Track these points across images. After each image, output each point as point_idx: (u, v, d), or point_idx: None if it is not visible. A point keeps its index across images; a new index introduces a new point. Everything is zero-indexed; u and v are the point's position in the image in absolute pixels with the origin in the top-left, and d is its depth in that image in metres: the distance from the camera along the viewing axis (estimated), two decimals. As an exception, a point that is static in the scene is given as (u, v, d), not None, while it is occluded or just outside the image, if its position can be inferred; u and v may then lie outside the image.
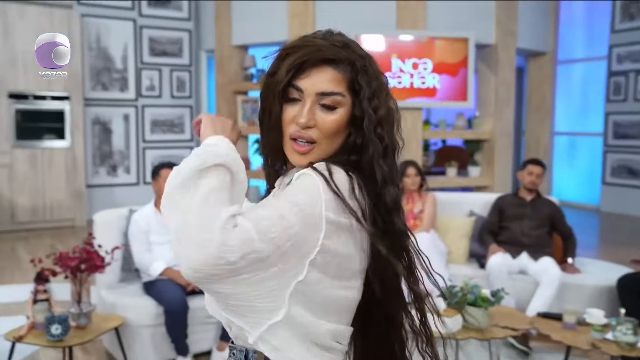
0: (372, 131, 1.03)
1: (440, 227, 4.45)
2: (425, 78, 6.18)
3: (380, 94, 1.04)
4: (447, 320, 2.84)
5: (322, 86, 1.01)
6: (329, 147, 1.04)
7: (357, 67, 1.03)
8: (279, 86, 1.00)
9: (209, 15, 7.50)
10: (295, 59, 1.00)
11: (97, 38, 7.05)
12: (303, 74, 1.01)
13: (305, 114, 0.99)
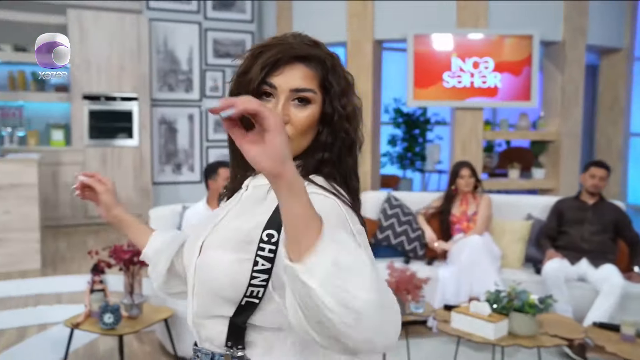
0: (341, 127, 1.04)
1: (495, 230, 4.32)
2: (486, 77, 6.02)
3: (348, 92, 1.06)
4: (491, 326, 2.77)
5: (295, 83, 1.02)
6: (301, 143, 1.05)
7: (328, 66, 1.05)
8: (253, 83, 1.01)
9: (271, 16, 7.63)
10: (269, 56, 1.01)
11: (164, 41, 7.34)
12: (277, 71, 1.02)
13: (280, 109, 1.00)
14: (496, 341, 2.83)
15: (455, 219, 4.30)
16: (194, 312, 1.08)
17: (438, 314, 3.19)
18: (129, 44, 6.77)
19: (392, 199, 4.48)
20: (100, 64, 6.67)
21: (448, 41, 6.04)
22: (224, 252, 1.01)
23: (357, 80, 4.47)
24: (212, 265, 1.02)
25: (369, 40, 6.29)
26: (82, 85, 6.63)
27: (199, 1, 7.45)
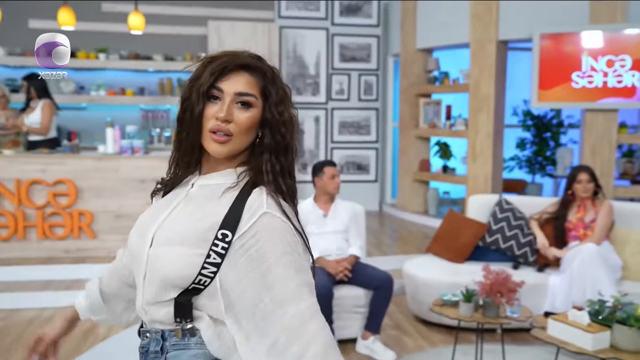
0: (277, 130, 1.18)
1: (617, 239, 4.05)
2: (622, 76, 5.60)
3: (285, 101, 1.20)
4: (589, 336, 2.67)
5: (239, 87, 1.16)
6: (243, 140, 1.18)
7: (268, 76, 1.19)
8: (203, 87, 1.16)
9: (395, 20, 7.74)
10: (218, 64, 1.16)
11: (293, 47, 7.76)
12: (224, 77, 1.16)
13: (225, 109, 1.14)
14: (594, 353, 2.71)
15: (571, 226, 4.10)
16: (144, 299, 1.20)
17: (536, 320, 3.10)
18: (260, 50, 7.22)
19: (503, 202, 4.39)
20: (235, 70, 7.24)
21: (579, 39, 5.72)
22: (180, 247, 1.13)
23: (479, 82, 4.68)
24: (167, 258, 1.14)
25: (493, 40, 6.15)
26: (219, 90, 7.25)
27: (327, 7, 7.76)
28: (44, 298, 4.40)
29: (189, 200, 1.21)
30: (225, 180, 1.20)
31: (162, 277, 1.14)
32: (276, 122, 1.19)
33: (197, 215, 1.17)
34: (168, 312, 1.16)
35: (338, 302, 3.59)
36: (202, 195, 1.20)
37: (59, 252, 5.19)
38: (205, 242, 1.11)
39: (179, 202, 1.22)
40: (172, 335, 1.17)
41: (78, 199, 5.16)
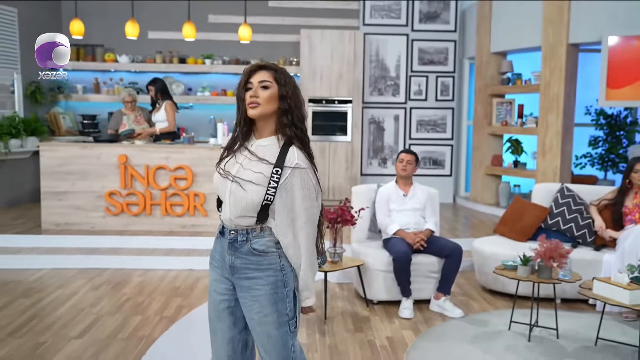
0: (289, 98, 1.97)
1: (671, 224, 4.48)
2: (689, 76, 5.93)
3: (289, 84, 1.98)
4: (627, 293, 3.25)
5: (259, 78, 1.98)
6: (267, 107, 1.97)
7: (278, 71, 1.98)
8: (242, 84, 1.98)
9: (472, 26, 8.29)
10: (247, 68, 1.99)
11: (376, 52, 8.49)
12: (252, 76, 1.99)
13: (254, 91, 1.95)
14: (631, 306, 3.27)
15: (627, 211, 4.58)
16: (231, 214, 1.97)
17: (584, 283, 3.67)
18: (346, 55, 8.04)
19: (565, 189, 4.92)
20: (323, 72, 8.06)
21: (646, 42, 6.09)
22: (255, 185, 1.91)
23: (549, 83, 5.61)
24: (250, 190, 1.91)
25: (563, 44, 6.61)
26: (308, 90, 8.10)
27: (407, 15, 8.44)
28: (169, 262, 5.38)
29: (252, 155, 1.99)
30: (270, 143, 2.00)
31: (248, 202, 1.93)
32: (286, 94, 1.97)
33: (260, 164, 1.95)
34: (252, 220, 1.97)
35: (415, 267, 4.28)
36: (259, 152, 1.98)
37: (177, 227, 6.18)
38: (266, 179, 1.92)
39: (245, 156, 2.00)
40: (254, 231, 1.97)
41: (194, 182, 6.13)
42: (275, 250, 1.97)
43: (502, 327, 3.92)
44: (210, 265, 2.13)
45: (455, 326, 3.95)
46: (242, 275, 1.99)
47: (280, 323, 1.97)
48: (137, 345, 3.56)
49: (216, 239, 2.09)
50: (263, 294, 1.96)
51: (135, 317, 4.05)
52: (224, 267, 2.04)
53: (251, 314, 1.99)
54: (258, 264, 1.97)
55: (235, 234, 1.99)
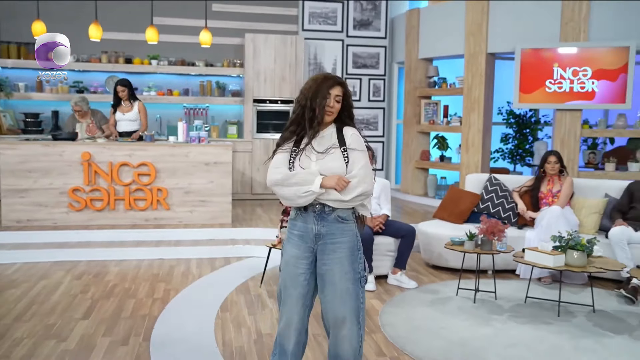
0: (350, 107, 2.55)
1: (576, 205, 5.48)
2: (584, 84, 7.07)
3: (350, 95, 2.55)
4: (551, 257, 4.07)
5: (336, 92, 2.46)
6: (336, 114, 2.50)
7: (346, 86, 2.53)
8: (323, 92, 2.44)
9: (401, 33, 9.16)
10: (331, 83, 2.48)
11: (314, 55, 9.14)
12: (331, 89, 2.48)
13: (332, 103, 2.46)
14: (554, 267, 4.13)
15: (542, 196, 5.53)
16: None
17: (516, 253, 4.52)
18: (288, 58, 8.63)
19: (492, 178, 5.82)
20: (267, 74, 8.60)
21: (551, 53, 7.18)
22: (335, 163, 2.41)
23: (471, 87, 6.71)
24: (334, 167, 2.41)
25: (483, 53, 7.59)
26: (253, 91, 8.59)
27: (343, 22, 9.16)
28: (140, 252, 5.73)
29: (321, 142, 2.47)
30: (331, 130, 2.52)
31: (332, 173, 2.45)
32: (348, 103, 2.52)
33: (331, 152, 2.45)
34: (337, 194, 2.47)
35: (375, 247, 4.97)
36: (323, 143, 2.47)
37: (141, 221, 6.50)
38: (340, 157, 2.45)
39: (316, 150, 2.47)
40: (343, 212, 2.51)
41: (157, 178, 6.48)
42: (353, 219, 2.50)
43: (450, 294, 4.69)
44: (289, 243, 2.56)
45: (413, 295, 4.68)
46: (328, 241, 2.47)
47: (355, 279, 2.47)
48: (142, 322, 3.97)
49: (294, 219, 2.55)
50: (344, 256, 2.46)
51: (130, 300, 4.43)
52: (308, 237, 2.49)
53: (333, 272, 2.46)
54: (341, 230, 2.47)
55: (322, 207, 2.47)
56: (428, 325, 3.95)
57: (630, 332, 3.92)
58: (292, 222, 2.54)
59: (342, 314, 2.46)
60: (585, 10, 7.05)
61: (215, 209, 6.70)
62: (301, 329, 2.56)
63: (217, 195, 6.69)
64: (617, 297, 4.71)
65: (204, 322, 3.96)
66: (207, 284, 4.93)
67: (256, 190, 8.70)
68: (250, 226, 6.71)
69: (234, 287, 4.81)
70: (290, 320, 2.53)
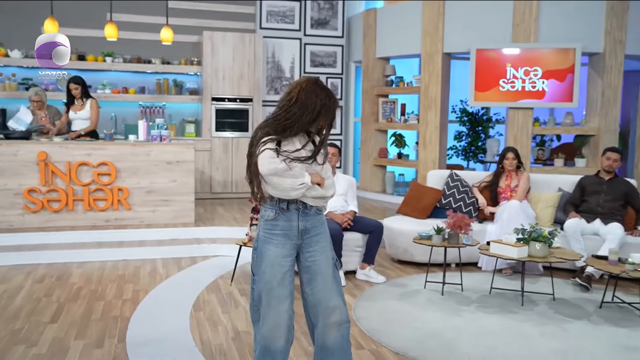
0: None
1: (532, 199, 5.73)
2: (535, 83, 7.39)
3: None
4: (515, 249, 4.24)
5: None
6: None
7: None
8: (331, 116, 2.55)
9: (358, 33, 9.28)
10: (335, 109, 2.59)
11: (272, 54, 9.15)
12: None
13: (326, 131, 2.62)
14: (518, 258, 4.32)
15: (501, 190, 5.75)
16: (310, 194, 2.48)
17: (481, 246, 4.70)
18: (247, 57, 8.60)
19: (453, 175, 6.00)
20: (226, 72, 8.54)
21: (504, 54, 7.46)
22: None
23: (428, 86, 6.90)
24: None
25: (439, 52, 7.80)
26: (211, 89, 8.52)
27: (300, 21, 9.20)
28: (102, 254, 5.60)
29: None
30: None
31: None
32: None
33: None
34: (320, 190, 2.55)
35: (344, 243, 5.04)
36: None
37: (101, 222, 6.35)
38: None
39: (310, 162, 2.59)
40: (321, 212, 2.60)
41: (117, 177, 6.35)
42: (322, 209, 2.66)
43: (418, 287, 4.82)
44: (270, 243, 2.55)
45: (382, 289, 4.78)
46: (313, 233, 2.57)
47: (335, 264, 2.63)
48: (115, 323, 3.90)
49: (274, 220, 2.55)
50: (326, 244, 2.60)
51: (98, 302, 4.34)
52: (293, 234, 2.54)
53: (320, 262, 2.57)
54: (320, 221, 2.60)
55: (304, 204, 2.54)
56: (401, 317, 4.06)
57: (588, 317, 4.15)
58: (272, 222, 2.53)
59: (334, 301, 2.56)
60: (535, 12, 7.36)
61: (178, 209, 6.62)
62: (291, 326, 2.58)
63: (180, 194, 6.61)
64: (573, 285, 4.96)
65: (178, 322, 3.93)
66: (177, 283, 4.88)
67: (216, 189, 8.64)
68: (213, 225, 6.67)
69: (204, 286, 4.78)
70: (279, 320, 2.52)
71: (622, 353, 3.50)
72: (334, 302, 2.55)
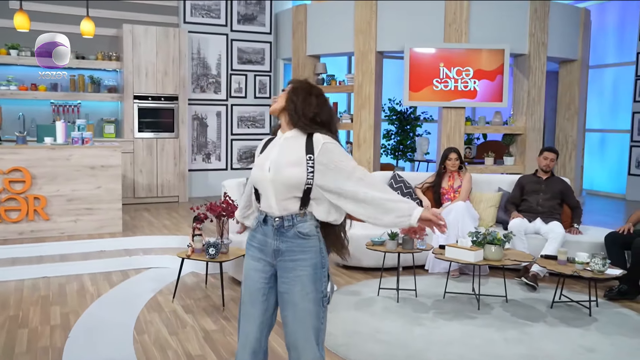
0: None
1: (474, 200, 5.76)
2: (467, 83, 7.48)
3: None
4: (472, 253, 4.18)
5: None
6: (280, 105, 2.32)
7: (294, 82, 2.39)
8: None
9: (287, 29, 9.01)
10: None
11: (198, 50, 8.69)
12: None
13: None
14: (475, 262, 4.27)
15: (444, 191, 5.73)
16: (275, 199, 2.18)
17: (435, 250, 4.62)
18: (171, 52, 8.09)
19: (396, 176, 5.91)
20: (149, 69, 7.99)
21: (437, 53, 7.49)
22: (294, 167, 2.13)
23: (361, 85, 6.72)
24: (290, 174, 2.13)
25: (372, 51, 7.71)
26: (133, 87, 7.94)
27: (227, 16, 8.80)
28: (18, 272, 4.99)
29: (283, 146, 2.23)
30: (296, 134, 2.31)
31: (290, 184, 2.16)
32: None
33: (293, 152, 2.20)
34: (296, 205, 2.21)
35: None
36: (289, 142, 2.24)
37: (14, 234, 5.69)
38: (302, 161, 2.17)
39: (278, 147, 2.25)
40: (298, 216, 2.23)
41: (33, 185, 5.71)
42: (316, 234, 2.27)
43: (372, 294, 4.67)
44: (248, 255, 2.34)
45: (336, 299, 4.57)
46: (287, 258, 2.25)
47: (317, 299, 2.25)
48: (45, 356, 3.42)
49: (254, 230, 2.33)
50: (306, 274, 2.24)
51: (22, 331, 3.82)
52: (267, 252, 2.29)
53: (293, 291, 2.23)
54: (302, 246, 2.25)
55: (281, 220, 2.24)
56: (363, 329, 3.88)
57: (544, 318, 4.17)
58: (252, 232, 2.34)
59: (302, 336, 2.27)
60: (466, 13, 7.45)
61: (104, 217, 6.07)
62: (257, 350, 2.33)
63: (105, 201, 6.06)
64: (519, 284, 5.01)
65: (121, 349, 3.52)
66: (111, 302, 4.43)
67: (140, 193, 8.08)
68: (144, 234, 6.18)
69: (143, 305, 4.36)
70: (245, 341, 2.33)
71: (582, 355, 3.52)
72: (303, 337, 2.26)
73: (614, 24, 10.18)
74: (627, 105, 9.81)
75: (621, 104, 10.03)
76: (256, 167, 2.30)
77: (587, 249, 5.11)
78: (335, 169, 2.19)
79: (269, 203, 2.25)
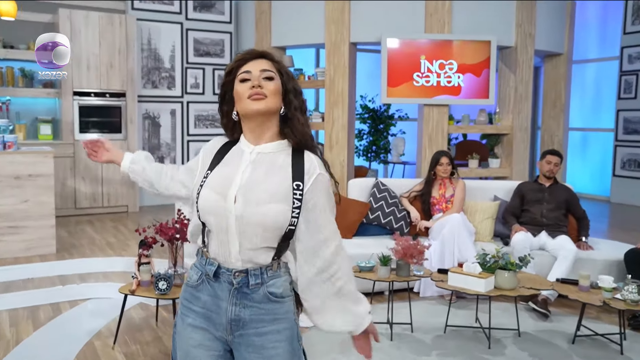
0: (299, 94, 1.60)
1: (468, 210, 5.04)
2: (450, 77, 6.77)
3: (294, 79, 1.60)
4: (482, 281, 3.44)
5: (262, 66, 1.54)
6: (273, 101, 1.53)
7: (280, 64, 1.59)
8: (233, 74, 1.55)
9: (249, 18, 8.13)
10: (241, 55, 1.57)
11: (148, 40, 7.71)
12: (249, 63, 1.55)
13: (256, 78, 1.52)
14: (486, 293, 3.53)
15: (435, 201, 4.99)
16: (240, 245, 1.48)
17: (435, 276, 3.86)
18: (117, 42, 7.11)
19: (380, 184, 5.14)
20: (90, 61, 6.99)
21: (417, 45, 6.76)
22: (274, 204, 1.45)
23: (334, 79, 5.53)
24: (268, 214, 1.44)
25: (345, 42, 6.92)
26: (72, 81, 6.93)
27: (181, 2, 7.85)
28: None
29: (256, 166, 1.52)
30: (277, 149, 1.55)
31: (267, 225, 1.45)
32: (294, 89, 1.57)
33: (275, 179, 1.50)
34: (269, 255, 1.49)
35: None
36: (265, 161, 1.53)
37: None
38: (287, 196, 1.47)
39: (246, 167, 1.52)
40: (269, 269, 1.50)
41: (-58, 200, 4.70)
42: (291, 294, 1.54)
43: (358, 329, 3.88)
44: (185, 323, 1.55)
45: (317, 338, 3.76)
46: (251, 331, 1.50)
47: None
48: None
49: (198, 287, 1.54)
50: (280, 353, 1.50)
51: None
52: (217, 322, 1.52)
53: None
54: (274, 313, 1.50)
55: (245, 276, 1.48)
56: (355, 384, 3.08)
57: (568, 358, 3.47)
58: (191, 288, 1.56)
59: None
60: (448, 1, 6.74)
61: (33, 237, 5.09)
62: None
63: (35, 218, 5.09)
64: (527, 310, 4.32)
65: None
66: (34, 351, 3.51)
67: (82, 204, 7.07)
68: (83, 255, 5.23)
69: (75, 354, 3.46)
70: None
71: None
72: None
73: (596, 17, 9.69)
74: (611, 103, 9.33)
75: (604, 101, 9.55)
76: (210, 191, 1.51)
77: (602, 268, 4.47)
78: (314, 221, 1.51)
79: (226, 249, 1.48)
